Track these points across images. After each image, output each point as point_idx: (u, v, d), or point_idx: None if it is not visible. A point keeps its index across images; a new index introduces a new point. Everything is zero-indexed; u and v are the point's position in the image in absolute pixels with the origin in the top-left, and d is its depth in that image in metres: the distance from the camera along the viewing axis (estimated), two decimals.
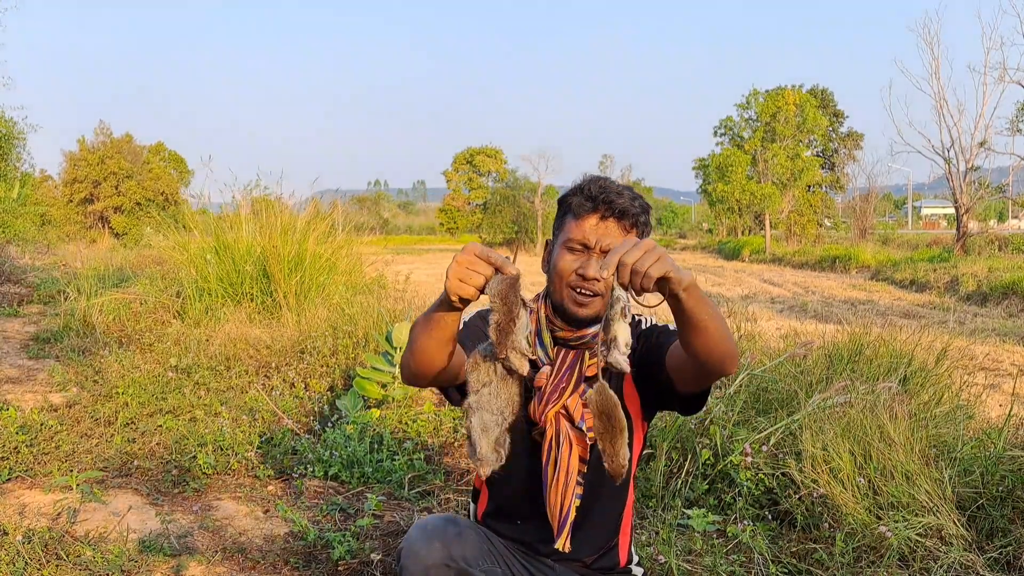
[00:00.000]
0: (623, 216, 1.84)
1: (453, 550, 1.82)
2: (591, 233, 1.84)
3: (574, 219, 1.87)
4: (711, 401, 3.83)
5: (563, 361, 1.91)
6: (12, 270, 14.56)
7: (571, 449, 1.86)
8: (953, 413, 3.87)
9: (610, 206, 1.84)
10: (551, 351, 1.92)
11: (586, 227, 1.85)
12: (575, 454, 1.86)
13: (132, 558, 2.89)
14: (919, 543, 2.72)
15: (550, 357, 1.92)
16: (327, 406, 4.84)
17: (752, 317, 5.47)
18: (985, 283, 14.87)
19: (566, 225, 1.90)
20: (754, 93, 39.51)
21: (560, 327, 1.91)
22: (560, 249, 1.89)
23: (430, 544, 1.81)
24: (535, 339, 1.92)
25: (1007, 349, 8.07)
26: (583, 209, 1.86)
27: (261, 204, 9.12)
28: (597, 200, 1.84)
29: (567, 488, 1.86)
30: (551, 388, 1.89)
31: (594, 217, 1.85)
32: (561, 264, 1.87)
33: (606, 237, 1.83)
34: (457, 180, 54.96)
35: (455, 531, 1.86)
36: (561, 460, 1.86)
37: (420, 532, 1.85)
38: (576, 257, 1.86)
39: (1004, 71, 24.04)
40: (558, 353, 1.92)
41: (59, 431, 4.31)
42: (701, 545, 2.91)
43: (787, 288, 17.30)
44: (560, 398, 1.88)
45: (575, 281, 1.85)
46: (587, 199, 1.86)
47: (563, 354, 1.92)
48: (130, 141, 40.86)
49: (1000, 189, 27.61)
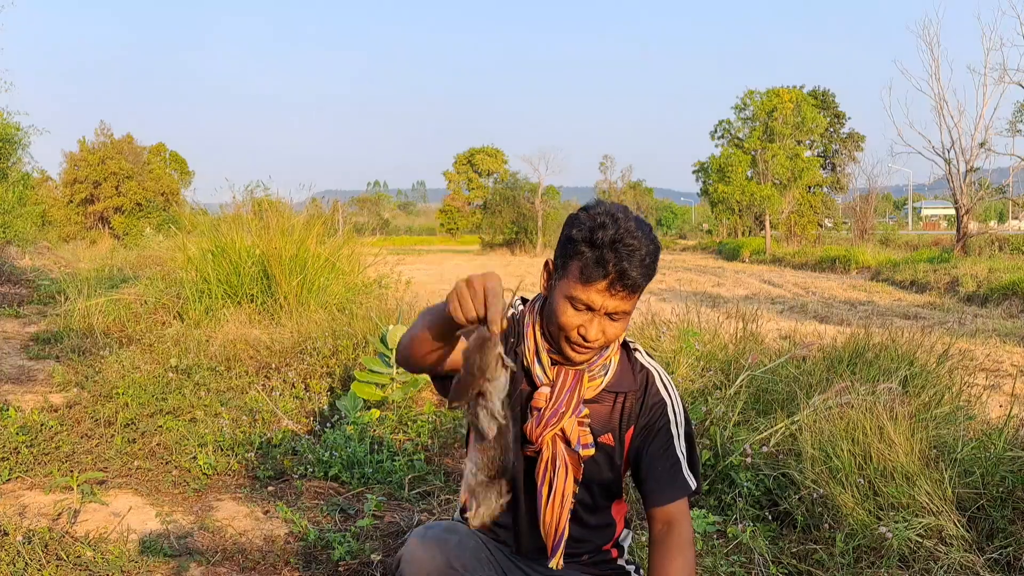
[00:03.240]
0: (633, 288, 1.76)
1: (452, 558, 1.81)
2: (597, 298, 1.76)
3: (582, 280, 1.75)
4: (711, 402, 3.83)
5: (563, 383, 1.88)
6: (12, 270, 14.57)
7: (567, 472, 1.87)
8: (953, 414, 3.87)
9: (621, 276, 1.73)
10: (549, 371, 1.89)
11: (592, 292, 1.75)
12: (571, 476, 1.88)
13: (132, 559, 2.89)
14: (919, 544, 2.72)
15: (549, 377, 1.89)
16: (327, 407, 4.84)
17: (753, 317, 5.46)
18: (985, 284, 14.87)
19: (571, 277, 1.77)
20: (749, 94, 39.54)
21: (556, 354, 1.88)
22: (562, 300, 1.80)
23: (430, 551, 1.81)
24: (534, 358, 1.89)
25: (1007, 350, 8.07)
26: (594, 274, 1.73)
27: (261, 205, 9.13)
28: (608, 267, 1.72)
29: (562, 510, 1.87)
30: (550, 412, 1.87)
31: (602, 283, 1.74)
32: (563, 318, 1.80)
33: (612, 302, 1.76)
34: (457, 181, 54.98)
35: (455, 539, 1.86)
36: (557, 482, 1.86)
37: (420, 539, 1.84)
38: (579, 314, 1.78)
39: (1004, 72, 24.05)
40: (557, 373, 1.89)
41: (59, 432, 4.31)
42: (701, 546, 2.91)
43: (787, 289, 17.31)
44: (559, 422, 1.87)
45: (576, 338, 1.81)
46: (599, 264, 1.73)
47: (563, 375, 1.89)
48: (131, 141, 40.89)
49: (1000, 190, 27.62)
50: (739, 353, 4.70)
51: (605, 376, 1.91)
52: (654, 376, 1.96)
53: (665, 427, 1.93)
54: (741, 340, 5.05)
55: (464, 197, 55.11)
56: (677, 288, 16.52)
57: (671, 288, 16.60)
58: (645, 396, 1.93)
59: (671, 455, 1.92)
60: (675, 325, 5.39)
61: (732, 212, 41.04)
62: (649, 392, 1.94)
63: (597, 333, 1.79)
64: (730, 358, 4.66)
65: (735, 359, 4.60)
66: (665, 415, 1.93)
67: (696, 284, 18.13)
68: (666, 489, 1.89)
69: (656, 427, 1.93)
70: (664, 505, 1.89)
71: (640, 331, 5.39)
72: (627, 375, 1.94)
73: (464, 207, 55.00)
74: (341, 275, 8.22)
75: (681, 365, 4.38)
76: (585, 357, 1.85)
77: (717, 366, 4.55)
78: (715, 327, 5.32)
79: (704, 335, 5.00)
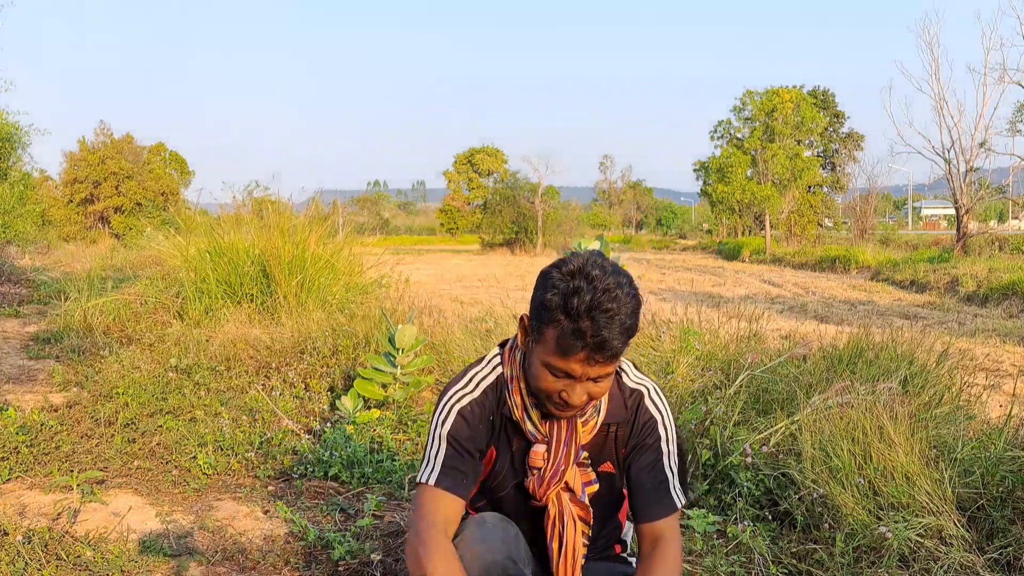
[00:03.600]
0: (613, 357, 1.68)
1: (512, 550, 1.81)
2: (576, 367, 1.68)
3: (559, 352, 1.67)
4: (711, 401, 3.83)
5: (559, 438, 1.85)
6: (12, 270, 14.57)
7: (575, 526, 1.87)
8: (953, 414, 3.87)
9: (602, 349, 1.65)
10: (541, 426, 1.85)
11: (572, 363, 1.67)
12: (579, 529, 1.88)
13: (132, 558, 2.89)
14: (919, 544, 2.72)
15: (542, 432, 1.85)
16: (327, 406, 4.84)
17: (753, 318, 5.47)
18: (985, 284, 14.87)
19: (548, 345, 1.69)
20: (748, 94, 39.55)
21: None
22: (541, 366, 1.72)
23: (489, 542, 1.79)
24: (523, 414, 1.84)
25: (1007, 350, 8.07)
26: (572, 346, 1.65)
27: (261, 205, 9.13)
28: (586, 338, 1.63)
29: (575, 563, 1.87)
30: (551, 472, 1.85)
31: (582, 354, 1.66)
32: (543, 384, 1.74)
33: (593, 370, 1.69)
34: (457, 180, 54.98)
35: (513, 531, 1.86)
36: (567, 537, 1.86)
37: (479, 528, 1.82)
38: (558, 379, 1.71)
39: (1004, 72, 24.04)
40: (550, 427, 1.85)
41: (59, 431, 4.31)
42: (701, 546, 2.91)
43: (787, 289, 17.30)
44: (561, 479, 1.86)
45: (559, 402, 1.75)
46: (576, 335, 1.64)
47: (557, 429, 1.85)
48: (131, 141, 40.90)
49: (1000, 190, 27.61)
50: (739, 353, 4.70)
51: (599, 415, 1.88)
52: (643, 395, 1.92)
53: (655, 444, 1.90)
54: (742, 340, 5.05)
55: (464, 197, 55.11)
56: (677, 288, 16.52)
57: (671, 288, 16.60)
58: (636, 416, 1.90)
59: (660, 472, 1.89)
60: (675, 325, 5.39)
61: (732, 212, 41.04)
62: (640, 412, 1.91)
63: (580, 397, 1.73)
64: (730, 358, 4.66)
65: (735, 359, 4.60)
66: (656, 432, 1.90)
67: (696, 284, 18.12)
68: (655, 507, 1.87)
69: (646, 444, 1.90)
70: (652, 522, 1.87)
71: (640, 331, 5.39)
72: (618, 404, 1.90)
73: (464, 207, 55.00)
74: (341, 275, 8.23)
75: (681, 365, 4.38)
76: (571, 414, 1.79)
77: (717, 366, 4.55)
78: (715, 327, 5.32)
79: (704, 335, 5.00)
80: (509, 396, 1.86)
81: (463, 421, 1.84)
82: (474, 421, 1.85)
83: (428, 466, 1.83)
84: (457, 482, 1.81)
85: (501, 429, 1.89)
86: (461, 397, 1.87)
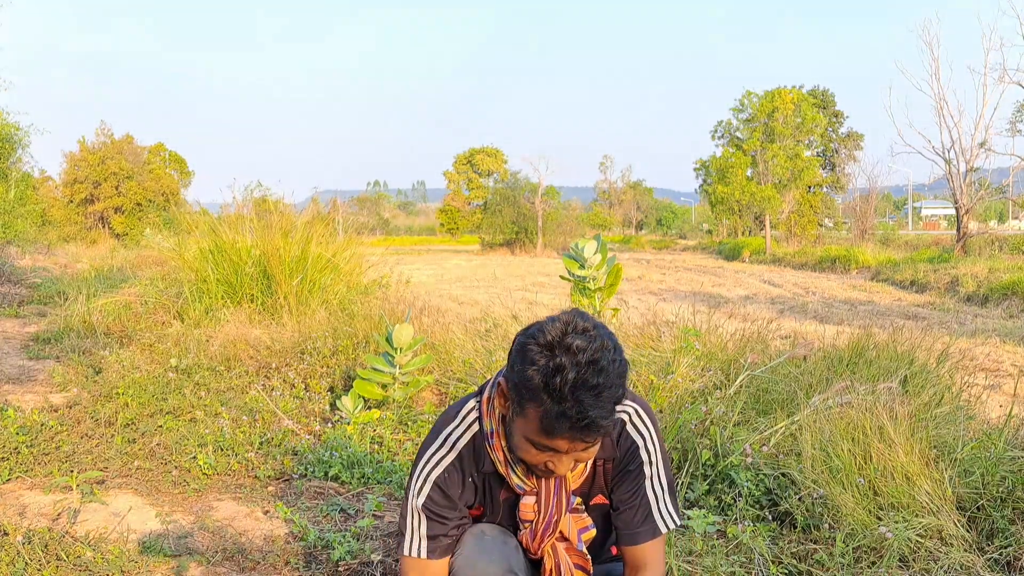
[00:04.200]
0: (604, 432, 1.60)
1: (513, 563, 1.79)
2: (563, 444, 1.59)
3: (543, 431, 1.57)
4: (711, 401, 3.83)
5: (547, 488, 1.80)
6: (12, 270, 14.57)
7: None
8: (953, 414, 3.87)
9: (589, 429, 1.54)
10: (528, 480, 1.79)
11: (558, 441, 1.58)
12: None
13: (132, 559, 2.89)
14: (919, 544, 2.72)
15: (529, 485, 1.79)
16: (327, 407, 4.84)
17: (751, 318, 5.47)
18: (985, 284, 14.87)
19: (531, 423, 1.58)
20: (748, 95, 39.55)
21: None
22: (523, 440, 1.63)
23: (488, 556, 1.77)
24: (507, 469, 1.78)
25: (1007, 350, 8.07)
26: (557, 427, 1.54)
27: (261, 205, 9.13)
28: (576, 424, 1.53)
29: None
30: (543, 525, 1.81)
31: (568, 435, 1.56)
32: (527, 456, 1.66)
33: (579, 446, 1.61)
34: (457, 180, 54.98)
35: (512, 543, 1.83)
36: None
37: (478, 542, 1.80)
38: (542, 453, 1.63)
39: (1004, 72, 24.06)
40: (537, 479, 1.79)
41: (59, 432, 4.30)
42: (701, 546, 2.90)
43: (787, 289, 17.30)
44: (554, 531, 1.82)
45: (544, 472, 1.69)
46: (561, 417, 1.53)
47: (544, 482, 1.79)
48: (131, 142, 40.90)
49: (1000, 190, 27.61)
50: (739, 353, 4.70)
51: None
52: (624, 422, 1.84)
53: (638, 468, 1.84)
54: (744, 340, 5.05)
55: (464, 197, 55.11)
56: (677, 288, 16.53)
57: (671, 288, 16.60)
58: (618, 443, 1.84)
59: (642, 496, 1.84)
60: (675, 325, 5.39)
61: (732, 212, 41.04)
62: (621, 440, 1.84)
63: (567, 468, 1.66)
64: (730, 358, 4.66)
65: (735, 359, 4.60)
66: (638, 457, 1.84)
67: (696, 284, 18.12)
68: (636, 531, 1.84)
69: (629, 470, 1.84)
70: (633, 546, 1.83)
71: (640, 331, 5.39)
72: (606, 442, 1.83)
73: (464, 207, 55.00)
74: (342, 275, 8.23)
75: (681, 365, 4.38)
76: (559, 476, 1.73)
77: (717, 366, 4.55)
78: (715, 327, 5.32)
79: (704, 335, 5.00)
80: (490, 451, 1.78)
81: (439, 491, 1.79)
82: (452, 489, 1.79)
83: (410, 539, 1.79)
84: (440, 546, 1.79)
85: (484, 486, 1.83)
86: (437, 463, 1.80)
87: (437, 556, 1.79)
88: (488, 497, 1.85)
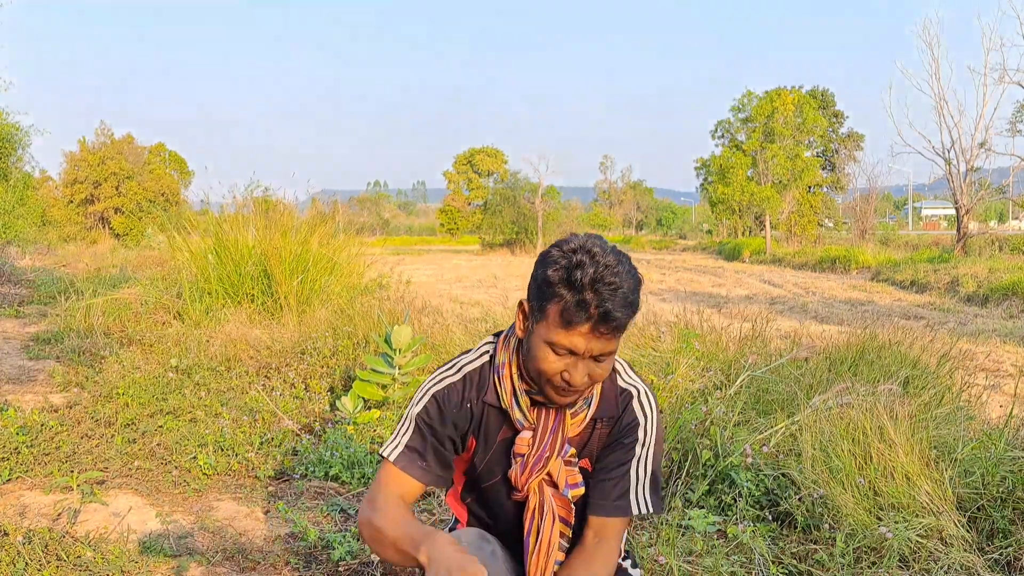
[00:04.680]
0: (618, 329, 1.66)
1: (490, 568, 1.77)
2: (580, 342, 1.66)
3: (563, 325, 1.65)
4: (711, 402, 3.83)
5: (545, 425, 1.82)
6: (12, 270, 14.57)
7: (554, 519, 1.83)
8: (954, 414, 3.87)
9: (606, 320, 1.63)
10: (530, 414, 1.82)
11: (576, 337, 1.65)
12: (557, 524, 1.84)
13: (132, 559, 2.89)
14: (920, 544, 2.72)
15: (529, 420, 1.82)
16: (327, 407, 4.84)
17: (754, 317, 5.47)
18: (985, 284, 14.88)
19: (551, 322, 1.67)
20: (747, 95, 39.55)
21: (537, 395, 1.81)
22: (542, 345, 1.69)
23: None
24: (511, 400, 1.82)
25: (1008, 350, 8.07)
26: (576, 318, 1.63)
27: (262, 205, 9.13)
28: (590, 309, 1.62)
29: (548, 557, 1.83)
30: (535, 458, 1.82)
31: (585, 327, 1.64)
32: (544, 365, 1.70)
33: (597, 345, 1.67)
34: (457, 181, 55.00)
35: (489, 548, 1.83)
36: (544, 530, 1.83)
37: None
38: (561, 359, 1.69)
39: (1004, 72, 24.07)
40: (538, 415, 1.83)
41: (59, 432, 4.31)
42: (702, 546, 2.90)
43: (787, 289, 17.31)
44: (544, 467, 1.83)
45: (560, 383, 1.72)
46: (580, 307, 1.62)
47: (544, 416, 1.83)
48: (131, 142, 40.92)
49: (1000, 190, 27.64)
50: (740, 353, 4.70)
51: (588, 408, 1.84)
52: (632, 396, 1.88)
53: (631, 444, 1.86)
54: (745, 340, 5.06)
55: (464, 197, 55.13)
56: (677, 288, 16.53)
57: (671, 288, 16.60)
58: (621, 415, 1.87)
59: (625, 473, 1.85)
60: (675, 325, 5.40)
61: (732, 212, 41.06)
62: (625, 412, 1.87)
63: (582, 377, 1.70)
64: (730, 358, 4.66)
65: (735, 359, 4.61)
66: (634, 435, 1.86)
67: (696, 284, 18.13)
68: (606, 503, 1.84)
69: (622, 443, 1.86)
70: (600, 517, 1.83)
71: (640, 331, 5.39)
72: (608, 401, 1.87)
73: (464, 207, 55.02)
74: (342, 275, 8.23)
75: (681, 365, 4.38)
76: (570, 399, 1.76)
77: (717, 366, 4.55)
78: (716, 327, 5.32)
79: (704, 335, 5.00)
80: (499, 382, 1.83)
81: (435, 404, 1.84)
82: (447, 406, 1.83)
83: (392, 442, 1.85)
84: (412, 464, 1.81)
85: (481, 418, 1.86)
86: (440, 381, 1.86)
87: (406, 470, 1.81)
88: (483, 431, 1.86)
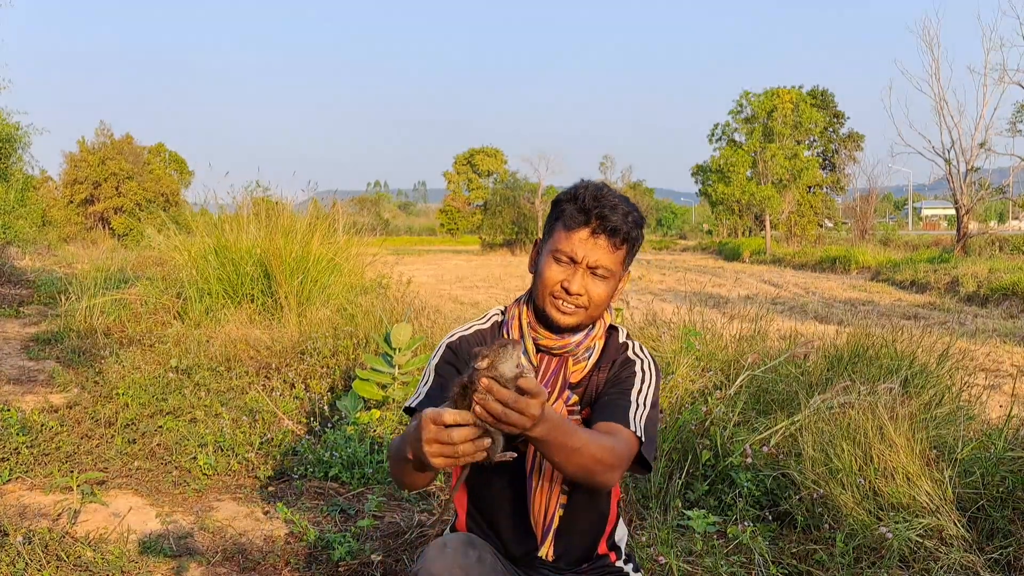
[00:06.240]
0: (614, 234, 1.81)
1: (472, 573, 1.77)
2: (580, 247, 1.82)
3: (564, 230, 1.83)
4: (711, 402, 3.83)
5: (547, 368, 1.91)
6: (12, 271, 14.58)
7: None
8: (954, 414, 3.87)
9: (603, 222, 1.80)
10: (534, 357, 1.92)
11: (575, 241, 1.82)
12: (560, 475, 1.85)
13: (132, 559, 2.89)
14: (919, 544, 2.72)
15: (533, 364, 1.91)
16: (327, 407, 4.84)
17: (753, 317, 5.47)
18: (985, 284, 14.88)
19: (556, 233, 1.86)
20: (746, 95, 39.54)
21: (543, 335, 1.90)
22: (547, 257, 1.86)
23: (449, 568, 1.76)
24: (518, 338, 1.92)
25: (1008, 350, 8.07)
26: (575, 221, 1.82)
27: (262, 205, 9.12)
28: (590, 214, 1.80)
29: (551, 496, 1.86)
30: None
31: (585, 231, 1.81)
32: (547, 274, 1.85)
33: (594, 252, 1.82)
34: (457, 181, 55.00)
35: (475, 554, 1.81)
36: (546, 468, 1.86)
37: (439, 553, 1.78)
38: (563, 268, 1.84)
39: (1004, 72, 24.08)
40: (541, 360, 1.92)
41: (60, 432, 4.31)
42: (701, 546, 2.90)
43: (787, 289, 17.30)
44: None
45: (559, 292, 1.84)
46: (580, 211, 1.81)
47: (546, 361, 1.92)
48: (131, 142, 40.94)
49: (1000, 190, 27.64)
50: (739, 353, 4.70)
51: (589, 359, 1.92)
52: (630, 345, 1.98)
53: (629, 376, 1.91)
54: (743, 340, 5.05)
55: (464, 197, 55.13)
56: (677, 288, 16.52)
57: (671, 288, 16.60)
58: (619, 359, 1.94)
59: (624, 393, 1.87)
60: (676, 325, 5.39)
61: (732, 212, 41.06)
62: (623, 355, 1.95)
63: (580, 287, 1.82)
64: (730, 358, 4.66)
65: (735, 359, 4.60)
66: (632, 369, 1.92)
67: (696, 284, 18.11)
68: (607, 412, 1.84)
69: (620, 376, 1.92)
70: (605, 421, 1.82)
71: (640, 331, 5.39)
72: (608, 353, 1.96)
73: (464, 207, 55.01)
74: (342, 275, 8.22)
75: (681, 365, 4.38)
76: (571, 318, 1.85)
77: (717, 366, 4.55)
78: (716, 327, 5.32)
79: (704, 335, 5.00)
80: (508, 329, 1.94)
81: (450, 352, 1.96)
82: (461, 352, 1.94)
83: (415, 395, 1.93)
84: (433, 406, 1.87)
85: None
86: (454, 334, 2.00)
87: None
88: None
